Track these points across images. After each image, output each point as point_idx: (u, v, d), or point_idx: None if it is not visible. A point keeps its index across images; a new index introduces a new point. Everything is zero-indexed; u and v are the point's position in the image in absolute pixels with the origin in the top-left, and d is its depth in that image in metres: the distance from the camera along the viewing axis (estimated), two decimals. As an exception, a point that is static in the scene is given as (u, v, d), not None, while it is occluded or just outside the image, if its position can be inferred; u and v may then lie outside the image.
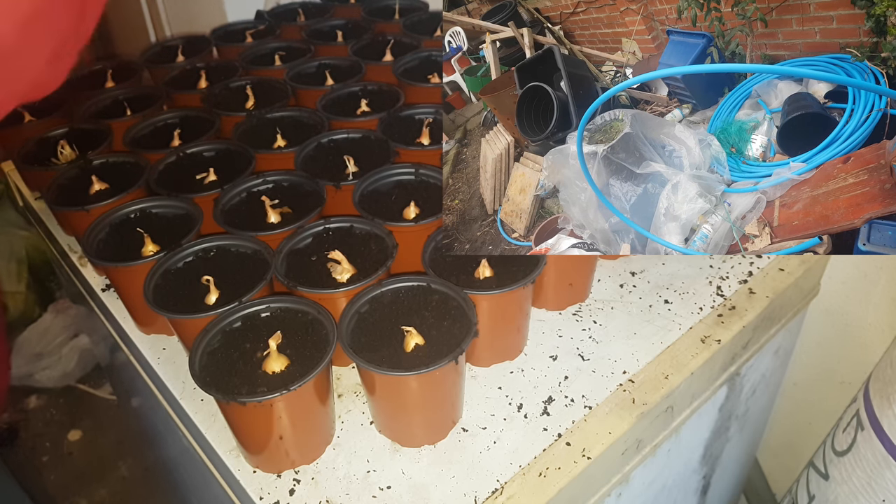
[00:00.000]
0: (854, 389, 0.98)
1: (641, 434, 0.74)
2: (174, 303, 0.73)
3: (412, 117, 1.03)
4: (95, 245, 0.82)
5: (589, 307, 0.84)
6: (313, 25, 1.36)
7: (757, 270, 0.89)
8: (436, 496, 0.64)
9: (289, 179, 0.90)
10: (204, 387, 0.62)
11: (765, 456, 1.38)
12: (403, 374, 0.62)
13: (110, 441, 1.82)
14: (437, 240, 0.78)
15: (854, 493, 0.90)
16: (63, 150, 0.98)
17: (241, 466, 0.68)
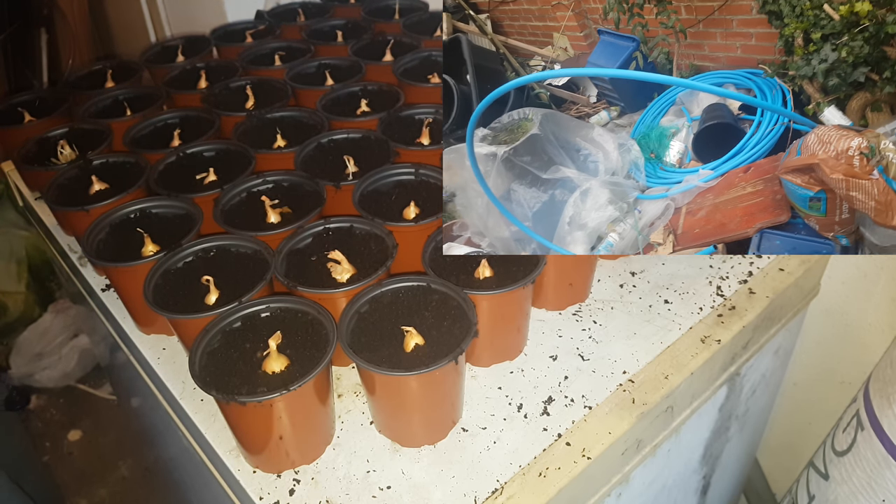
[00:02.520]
0: (854, 389, 0.98)
1: (641, 434, 0.74)
2: (174, 303, 0.73)
3: (412, 117, 1.03)
4: (95, 245, 0.82)
5: (589, 307, 0.84)
6: (313, 25, 1.36)
7: (757, 270, 0.89)
8: (436, 496, 0.64)
9: (289, 179, 0.90)
10: (204, 387, 0.62)
11: (765, 456, 1.38)
12: (403, 374, 0.62)
13: (110, 441, 1.82)
14: (437, 240, 0.78)
15: (854, 493, 0.90)
16: (63, 150, 0.98)
17: (240, 466, 0.68)
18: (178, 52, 1.25)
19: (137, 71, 1.23)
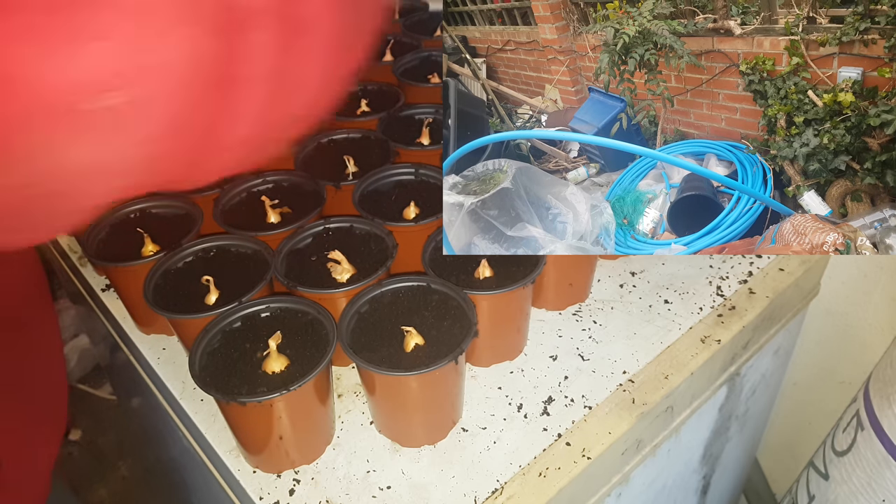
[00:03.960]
0: (854, 389, 0.98)
1: (641, 434, 0.74)
2: (174, 303, 0.73)
3: (412, 117, 1.03)
4: (95, 245, 0.82)
5: (589, 307, 0.84)
6: (313, 25, 1.35)
7: (757, 270, 0.89)
8: (436, 496, 0.64)
9: (289, 179, 0.90)
10: (204, 387, 0.62)
11: (765, 456, 1.38)
12: (403, 374, 0.62)
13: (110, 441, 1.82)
14: (437, 240, 0.78)
15: (854, 493, 0.90)
16: (63, 150, 0.98)
17: (240, 466, 0.68)
18: (178, 52, 1.25)
19: (137, 71, 1.23)
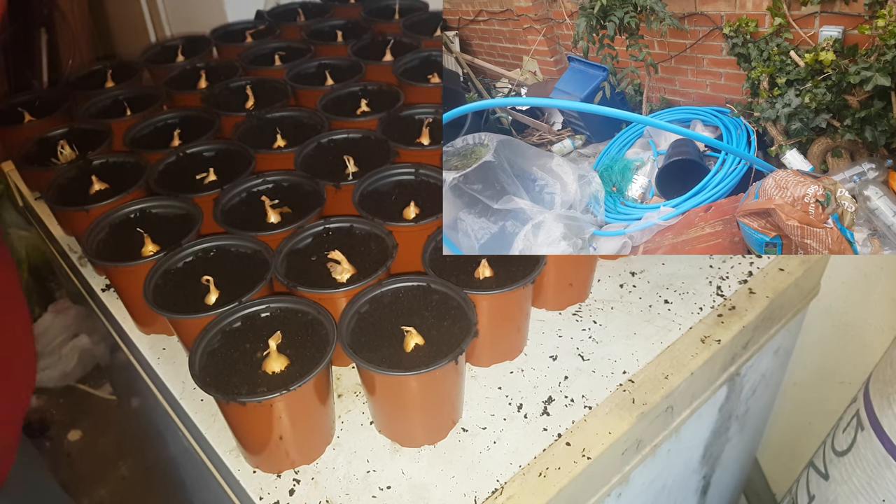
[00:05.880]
0: (854, 389, 0.98)
1: (641, 434, 0.74)
2: (174, 303, 0.73)
3: (412, 117, 1.03)
4: (95, 245, 0.82)
5: (589, 307, 0.84)
6: (313, 25, 1.36)
7: (757, 270, 0.89)
8: (436, 496, 0.64)
9: (289, 179, 0.90)
10: (204, 387, 0.62)
11: (765, 456, 1.38)
12: (403, 374, 0.62)
13: (110, 441, 1.82)
14: (437, 240, 0.78)
15: (854, 493, 0.90)
16: (63, 150, 0.98)
17: (240, 466, 0.68)
18: (178, 51, 1.25)
19: (137, 71, 1.23)
